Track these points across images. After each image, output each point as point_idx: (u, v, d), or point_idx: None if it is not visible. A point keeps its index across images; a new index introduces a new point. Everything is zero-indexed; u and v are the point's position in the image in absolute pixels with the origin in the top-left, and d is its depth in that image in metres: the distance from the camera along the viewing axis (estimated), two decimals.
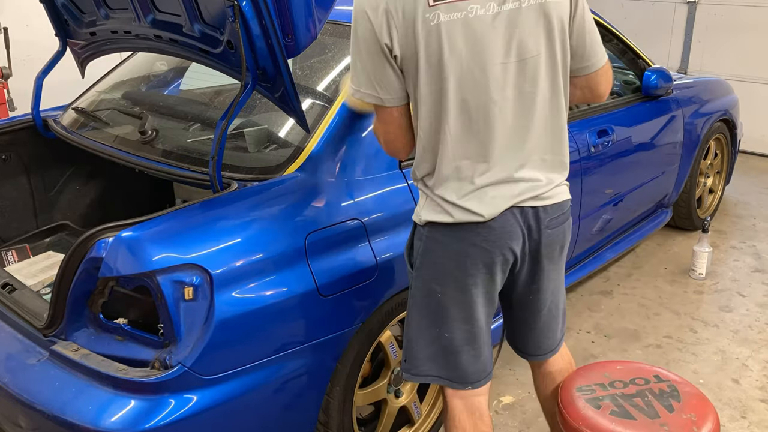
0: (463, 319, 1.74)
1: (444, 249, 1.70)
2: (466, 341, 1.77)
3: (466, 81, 1.59)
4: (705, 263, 3.67)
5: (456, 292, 1.72)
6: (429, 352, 1.79)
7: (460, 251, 1.69)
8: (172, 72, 2.88)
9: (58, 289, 1.81)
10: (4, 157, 2.61)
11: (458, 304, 1.73)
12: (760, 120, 5.68)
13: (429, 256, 1.73)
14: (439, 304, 1.74)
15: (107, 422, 1.68)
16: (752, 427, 2.60)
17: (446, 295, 1.72)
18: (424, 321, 1.77)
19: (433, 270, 1.73)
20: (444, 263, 1.71)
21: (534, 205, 1.69)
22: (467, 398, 1.85)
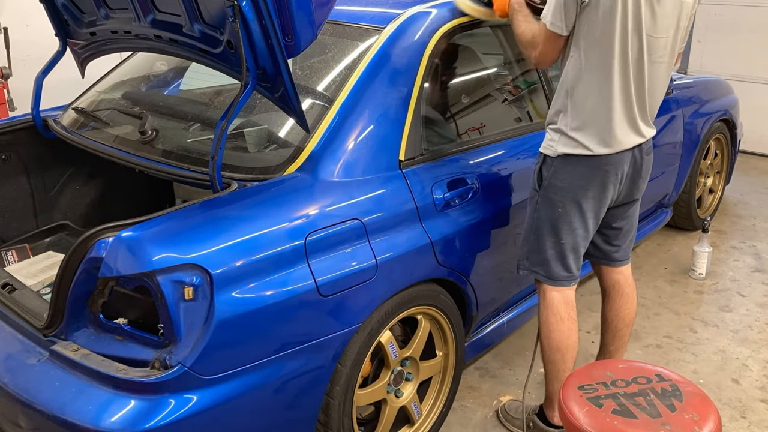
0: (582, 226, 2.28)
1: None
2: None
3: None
4: (705, 263, 3.67)
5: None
6: (545, 256, 2.30)
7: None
8: (172, 72, 2.87)
9: (58, 289, 1.81)
10: (4, 157, 2.61)
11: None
12: (760, 120, 5.68)
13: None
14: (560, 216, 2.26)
15: (107, 422, 1.68)
16: (752, 427, 2.60)
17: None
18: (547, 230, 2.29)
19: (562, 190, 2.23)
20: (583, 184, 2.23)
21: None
22: (563, 291, 2.33)
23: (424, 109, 2.35)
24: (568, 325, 2.32)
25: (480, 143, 2.54)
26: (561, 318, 2.32)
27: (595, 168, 2.21)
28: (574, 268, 2.32)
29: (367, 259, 2.03)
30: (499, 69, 2.90)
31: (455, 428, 2.58)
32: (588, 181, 2.22)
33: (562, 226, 2.26)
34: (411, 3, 2.52)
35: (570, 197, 2.23)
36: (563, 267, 2.31)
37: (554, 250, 2.29)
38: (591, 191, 2.23)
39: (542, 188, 2.28)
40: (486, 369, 2.93)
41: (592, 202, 2.25)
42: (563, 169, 2.23)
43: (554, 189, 2.25)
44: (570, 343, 2.32)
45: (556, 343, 2.32)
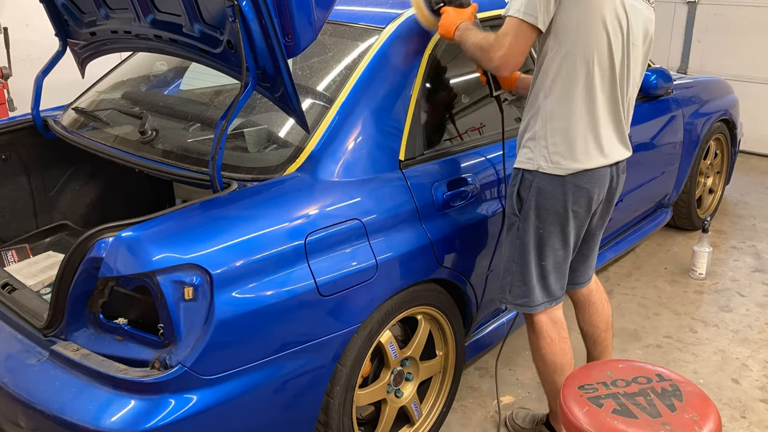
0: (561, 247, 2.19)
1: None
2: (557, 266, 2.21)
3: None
4: (705, 263, 3.67)
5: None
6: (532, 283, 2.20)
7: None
8: (172, 72, 2.87)
9: (58, 289, 1.81)
10: (4, 157, 2.61)
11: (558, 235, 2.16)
12: (760, 120, 5.68)
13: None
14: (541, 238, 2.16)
15: (107, 422, 1.68)
16: (752, 427, 2.60)
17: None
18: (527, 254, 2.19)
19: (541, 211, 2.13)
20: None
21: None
22: (549, 312, 2.26)
23: (423, 109, 2.35)
24: (561, 346, 2.26)
25: (480, 143, 2.54)
26: (552, 340, 2.25)
27: (580, 186, 2.09)
28: (556, 288, 2.23)
29: (367, 259, 2.03)
30: None
31: (455, 428, 2.58)
32: (573, 198, 2.10)
33: (545, 247, 2.16)
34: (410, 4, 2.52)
35: (552, 218, 2.12)
36: (544, 289, 2.22)
37: (537, 273, 2.19)
38: (576, 211, 2.13)
39: (522, 212, 2.16)
40: (486, 369, 2.93)
41: (574, 222, 2.15)
42: (545, 186, 2.10)
43: (536, 210, 2.13)
44: (566, 361, 2.27)
45: (553, 366, 2.27)
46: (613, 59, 2.04)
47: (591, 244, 2.36)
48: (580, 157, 2.07)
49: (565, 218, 2.13)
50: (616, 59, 2.04)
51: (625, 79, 2.10)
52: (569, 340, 2.30)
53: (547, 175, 2.09)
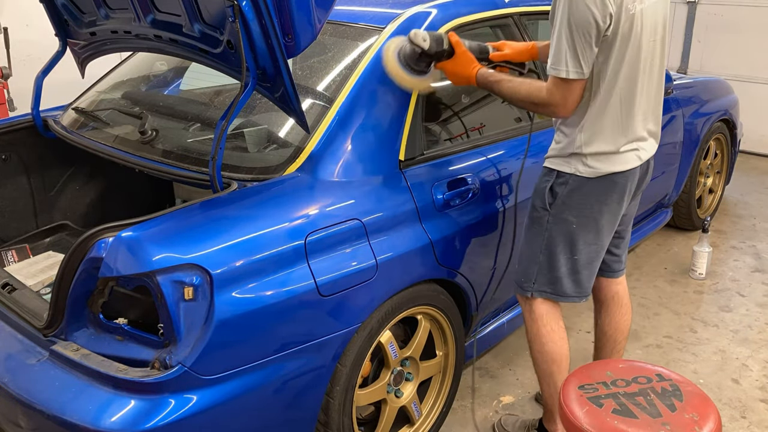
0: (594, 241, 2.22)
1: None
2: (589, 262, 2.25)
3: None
4: (705, 263, 3.67)
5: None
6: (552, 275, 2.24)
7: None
8: (172, 72, 2.87)
9: (58, 289, 1.81)
10: (4, 157, 2.61)
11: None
12: (760, 120, 5.68)
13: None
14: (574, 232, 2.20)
15: (107, 422, 1.68)
16: (752, 427, 2.60)
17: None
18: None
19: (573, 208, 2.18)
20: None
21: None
22: (552, 305, 2.30)
23: (423, 109, 2.35)
24: (560, 335, 2.30)
25: (480, 143, 2.54)
26: (552, 329, 2.29)
27: (615, 183, 2.16)
28: (587, 284, 2.27)
29: (367, 259, 2.03)
30: None
31: (455, 428, 2.58)
32: (607, 197, 2.16)
33: (577, 242, 2.19)
34: (411, 3, 2.52)
35: (587, 213, 2.17)
36: (575, 283, 2.25)
37: (567, 267, 2.22)
38: (609, 206, 2.18)
39: (554, 206, 2.19)
40: (486, 369, 2.93)
41: (608, 216, 2.20)
42: (581, 186, 2.15)
43: (569, 207, 2.17)
44: (563, 352, 2.30)
45: (551, 355, 2.29)
46: (638, 67, 2.08)
47: (626, 229, 2.42)
48: (616, 161, 2.14)
49: (600, 213, 2.18)
50: (643, 66, 2.09)
51: (650, 74, 2.14)
52: (566, 332, 2.33)
53: (583, 177, 2.14)
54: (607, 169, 2.13)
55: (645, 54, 2.10)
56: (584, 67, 2.00)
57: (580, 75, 2.01)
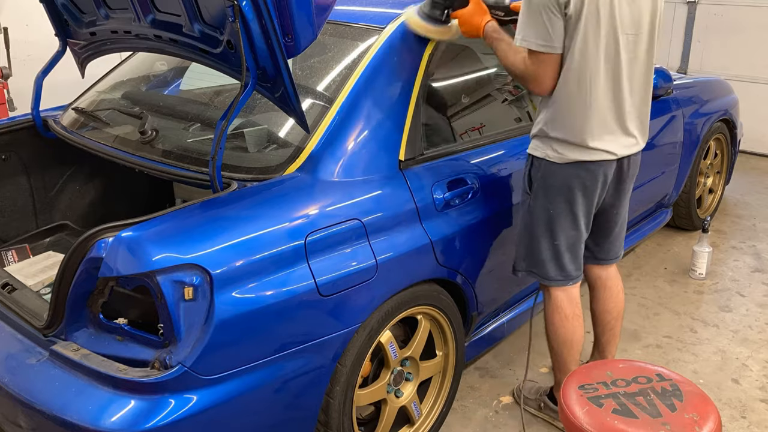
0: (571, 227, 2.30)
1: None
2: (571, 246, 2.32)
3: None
4: (705, 263, 3.67)
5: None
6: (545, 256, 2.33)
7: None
8: (172, 72, 2.87)
9: (58, 289, 1.81)
10: (4, 157, 2.61)
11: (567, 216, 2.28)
12: (760, 120, 5.68)
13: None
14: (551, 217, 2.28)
15: (107, 422, 1.68)
16: (752, 427, 2.60)
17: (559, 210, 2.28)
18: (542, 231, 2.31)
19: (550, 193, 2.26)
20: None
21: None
22: (567, 290, 2.38)
23: (423, 109, 2.35)
24: (573, 323, 2.39)
25: (480, 143, 2.54)
26: (565, 316, 2.38)
27: (586, 171, 2.22)
28: (571, 268, 2.35)
29: (367, 259, 2.03)
30: (499, 69, 2.89)
31: (455, 428, 2.58)
32: (577, 184, 2.23)
33: (556, 227, 2.29)
34: (411, 3, 2.52)
35: (561, 199, 2.25)
36: (558, 267, 2.34)
37: (550, 251, 2.32)
38: (581, 193, 2.25)
39: (533, 190, 2.30)
40: (486, 369, 2.93)
41: (581, 201, 2.26)
42: (551, 171, 2.24)
43: (545, 192, 2.27)
44: (575, 338, 2.40)
45: (562, 339, 2.40)
46: (607, 57, 2.11)
47: (609, 222, 2.44)
48: (582, 150, 2.19)
49: (572, 199, 2.25)
50: (608, 56, 2.11)
51: (629, 69, 2.16)
52: (582, 319, 2.42)
53: (552, 162, 2.23)
54: (574, 156, 2.19)
55: (622, 47, 2.11)
56: (554, 41, 2.05)
57: (548, 49, 2.05)
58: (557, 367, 2.48)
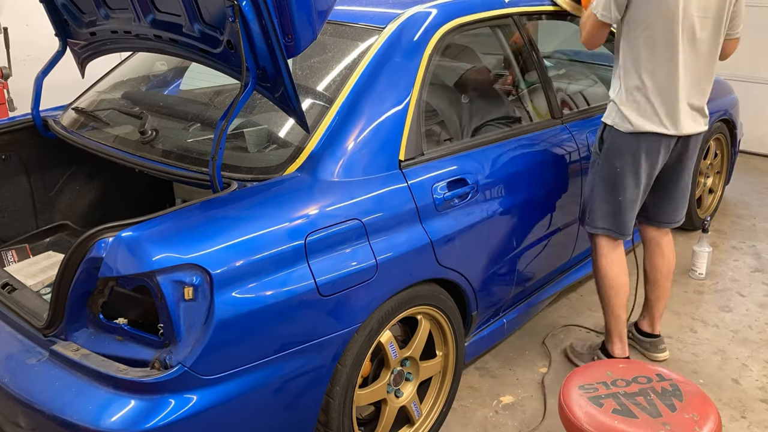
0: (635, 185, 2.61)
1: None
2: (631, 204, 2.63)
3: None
4: (705, 263, 3.67)
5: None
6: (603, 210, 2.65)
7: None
8: (172, 72, 2.88)
9: (58, 289, 1.81)
10: (4, 157, 2.61)
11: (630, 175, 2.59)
12: (760, 120, 5.67)
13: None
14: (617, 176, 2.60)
15: (107, 422, 1.68)
16: (752, 427, 2.60)
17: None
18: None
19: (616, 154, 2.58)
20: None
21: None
22: (614, 242, 2.70)
23: (423, 109, 2.35)
24: (618, 269, 2.70)
25: (480, 143, 2.54)
26: (612, 260, 2.69)
27: (646, 141, 2.51)
28: (628, 224, 2.64)
29: (367, 259, 2.03)
30: (499, 69, 2.90)
31: (455, 428, 2.58)
32: (640, 149, 2.52)
33: (621, 184, 2.57)
34: (411, 3, 2.52)
35: (626, 161, 2.54)
36: (615, 222, 2.63)
37: (612, 206, 2.61)
38: (643, 162, 2.53)
39: (602, 152, 2.61)
40: (486, 369, 2.93)
41: (645, 168, 2.55)
42: (618, 139, 2.55)
43: (614, 154, 2.57)
44: (621, 281, 2.72)
45: (609, 282, 2.71)
46: (676, 36, 2.42)
47: (671, 186, 2.72)
48: (643, 122, 2.50)
49: (636, 162, 2.55)
50: (682, 36, 2.43)
51: (691, 48, 2.47)
52: (626, 267, 2.74)
53: (621, 131, 2.53)
54: (635, 126, 2.50)
55: (684, 25, 2.40)
56: (610, 14, 2.47)
57: (606, 18, 2.49)
58: (607, 313, 2.77)
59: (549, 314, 3.33)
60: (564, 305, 3.41)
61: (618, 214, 2.63)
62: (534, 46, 2.87)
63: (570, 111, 3.05)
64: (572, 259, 3.16)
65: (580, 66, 3.88)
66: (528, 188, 2.65)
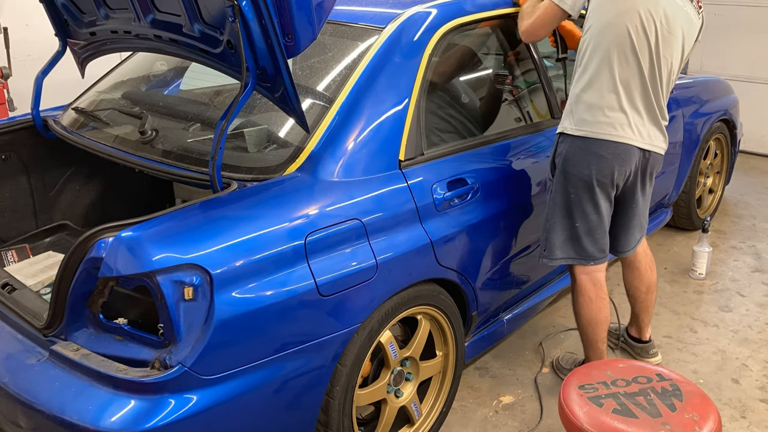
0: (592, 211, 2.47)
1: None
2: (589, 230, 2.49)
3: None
4: (705, 263, 3.67)
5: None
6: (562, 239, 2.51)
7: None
8: (172, 72, 2.87)
9: (58, 289, 1.81)
10: (4, 157, 2.61)
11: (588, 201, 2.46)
12: (760, 120, 5.67)
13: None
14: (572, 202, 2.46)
15: (107, 422, 1.68)
16: (752, 427, 2.60)
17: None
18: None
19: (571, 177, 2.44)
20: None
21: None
22: (591, 273, 2.55)
23: (424, 108, 2.35)
24: (597, 304, 2.58)
25: (480, 143, 2.54)
26: (590, 298, 2.57)
27: (602, 153, 2.37)
28: (593, 251, 2.50)
29: (367, 259, 2.03)
30: (499, 69, 2.90)
31: (455, 428, 2.58)
32: (595, 167, 2.38)
33: (575, 211, 2.45)
34: (411, 3, 2.52)
35: (580, 183, 2.41)
36: (577, 250, 2.50)
37: (569, 233, 2.49)
38: (598, 177, 2.39)
39: (555, 176, 2.48)
40: (486, 369, 2.93)
41: (599, 189, 2.41)
42: (572, 154, 2.41)
43: (565, 175, 2.44)
44: (601, 318, 2.59)
45: (587, 319, 2.60)
46: (636, 51, 2.32)
47: (627, 215, 2.59)
48: (601, 127, 2.37)
49: (591, 184, 2.41)
50: (641, 52, 2.33)
51: (656, 72, 2.38)
52: (607, 301, 2.62)
53: (572, 140, 2.41)
54: (590, 129, 2.38)
55: (646, 46, 2.31)
56: (568, 2, 2.39)
57: (564, 5, 2.40)
58: (586, 346, 2.68)
59: (549, 314, 3.33)
60: (564, 305, 3.41)
61: (575, 241, 2.49)
62: (534, 46, 2.87)
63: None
64: None
65: None
66: (528, 188, 2.65)
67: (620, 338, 3.07)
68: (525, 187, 2.64)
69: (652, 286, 2.83)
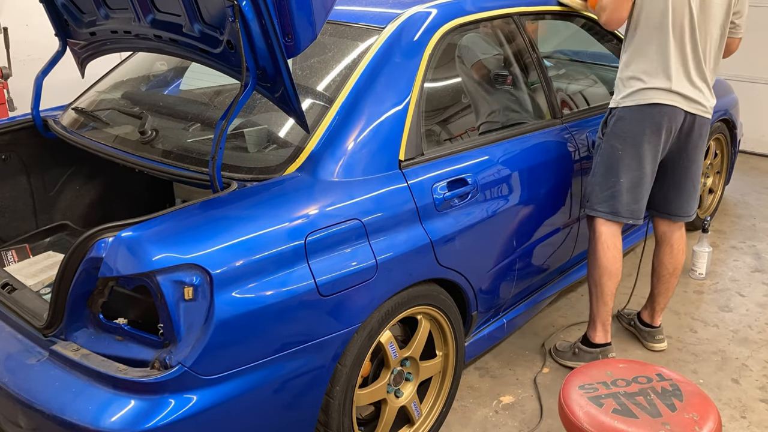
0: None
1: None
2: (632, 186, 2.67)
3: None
4: (705, 263, 3.67)
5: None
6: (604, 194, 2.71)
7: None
8: (172, 72, 2.88)
9: (57, 289, 1.81)
10: (4, 157, 2.61)
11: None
12: (760, 120, 5.67)
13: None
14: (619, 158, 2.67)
15: (107, 422, 1.68)
16: (752, 427, 2.60)
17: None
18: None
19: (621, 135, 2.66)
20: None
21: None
22: (610, 226, 2.73)
23: (423, 108, 2.35)
24: (613, 253, 2.73)
25: (480, 143, 2.54)
26: (608, 246, 2.72)
27: (650, 116, 2.58)
28: (633, 208, 2.67)
29: (367, 259, 2.03)
30: (499, 68, 2.90)
31: (455, 428, 2.58)
32: (645, 124, 2.57)
33: (621, 166, 2.63)
34: (411, 3, 2.52)
35: (628, 139, 2.61)
36: (614, 204, 2.67)
37: (613, 187, 2.65)
38: (647, 133, 2.58)
39: (605, 135, 2.69)
40: (486, 369, 2.93)
41: (647, 145, 2.60)
42: (623, 115, 2.62)
43: (614, 133, 2.64)
44: (614, 269, 2.74)
45: (602, 268, 2.74)
46: (678, 23, 2.54)
47: (678, 176, 2.75)
48: (647, 93, 2.58)
49: (639, 140, 2.60)
50: (682, 23, 2.54)
51: (698, 35, 2.58)
52: (621, 254, 2.76)
53: (622, 109, 2.62)
54: (642, 98, 2.58)
55: (687, 12, 2.53)
56: None
57: None
58: (594, 298, 2.80)
59: (549, 314, 3.33)
60: (564, 305, 3.41)
61: (616, 198, 2.66)
62: (534, 46, 2.87)
63: (570, 111, 3.05)
64: (572, 259, 3.16)
65: (580, 66, 3.89)
66: (528, 188, 2.65)
67: (631, 322, 3.16)
68: (525, 187, 2.64)
69: (678, 269, 2.93)
